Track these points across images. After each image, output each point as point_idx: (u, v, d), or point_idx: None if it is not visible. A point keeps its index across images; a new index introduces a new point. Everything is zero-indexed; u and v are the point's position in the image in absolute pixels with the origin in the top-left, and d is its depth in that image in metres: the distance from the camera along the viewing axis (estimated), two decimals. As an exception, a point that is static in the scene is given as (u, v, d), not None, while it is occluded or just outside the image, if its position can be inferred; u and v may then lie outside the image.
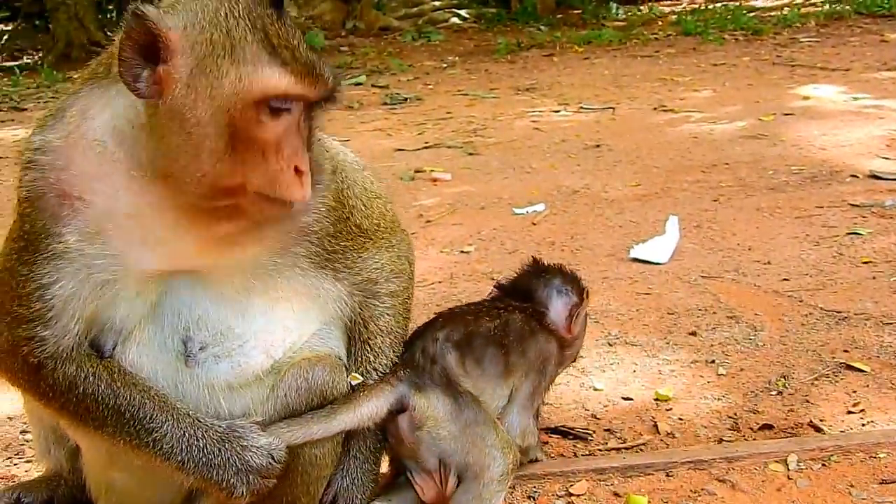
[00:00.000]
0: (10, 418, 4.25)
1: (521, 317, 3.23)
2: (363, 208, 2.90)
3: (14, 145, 11.01)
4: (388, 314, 2.99)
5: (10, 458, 3.89)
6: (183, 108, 2.34)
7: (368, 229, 2.91)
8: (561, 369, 3.48)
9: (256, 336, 2.72)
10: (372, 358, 2.98)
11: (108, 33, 20.26)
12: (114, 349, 2.64)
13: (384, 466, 3.12)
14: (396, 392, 2.89)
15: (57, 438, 3.20)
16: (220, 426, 2.64)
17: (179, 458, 2.60)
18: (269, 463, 2.63)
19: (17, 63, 19.47)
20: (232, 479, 2.61)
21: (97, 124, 2.49)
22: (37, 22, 25.76)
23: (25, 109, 13.58)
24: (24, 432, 4.07)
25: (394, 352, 3.01)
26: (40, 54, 20.40)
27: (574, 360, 3.64)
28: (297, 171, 2.43)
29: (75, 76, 2.74)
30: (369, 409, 2.86)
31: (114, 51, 2.48)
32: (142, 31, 2.31)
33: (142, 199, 2.49)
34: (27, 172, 2.54)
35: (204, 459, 2.60)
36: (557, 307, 3.35)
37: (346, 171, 2.87)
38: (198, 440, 2.61)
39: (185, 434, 2.61)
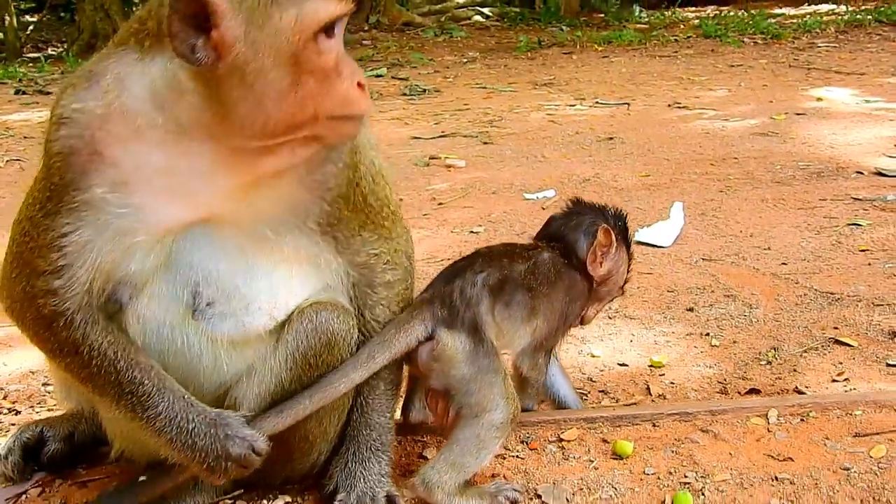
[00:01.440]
0: (32, 372, 4.46)
1: (550, 257, 3.35)
2: (370, 181, 2.96)
3: (39, 126, 11.27)
4: (382, 304, 3.05)
5: (32, 406, 4.09)
6: (245, 65, 2.43)
7: (372, 206, 2.96)
8: (602, 305, 3.60)
9: (261, 297, 2.82)
10: None
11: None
12: (129, 301, 2.75)
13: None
14: (430, 328, 3.05)
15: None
16: (210, 413, 2.77)
17: (168, 436, 2.73)
18: (248, 454, 2.75)
19: (41, 54, 19.73)
20: (212, 463, 2.74)
21: (135, 91, 2.56)
22: (62, 14, 26.05)
23: (50, 93, 13.81)
24: (45, 384, 4.29)
25: None
26: (65, 45, 20.66)
27: (621, 294, 3.69)
28: (359, 84, 2.58)
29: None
30: (405, 346, 3.03)
31: (143, 16, 2.60)
32: (187, 1, 2.39)
33: (176, 156, 2.59)
34: (61, 128, 2.61)
35: (190, 441, 2.73)
36: (583, 245, 3.42)
37: (359, 141, 2.93)
38: (188, 423, 2.73)
39: (177, 416, 2.73)
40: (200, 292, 2.78)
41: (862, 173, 7.39)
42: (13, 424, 3.75)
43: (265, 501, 3.09)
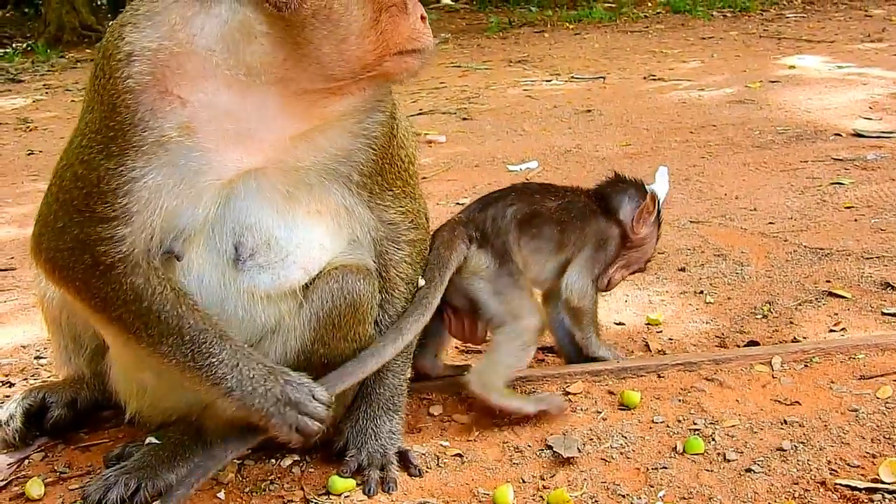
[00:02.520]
0: (24, 346, 4.41)
1: (586, 200, 3.61)
2: (404, 136, 3.06)
3: (13, 113, 11.18)
4: (406, 261, 3.10)
5: (26, 378, 4.04)
6: (330, 5, 2.53)
7: (403, 161, 3.04)
8: (627, 272, 3.76)
9: (297, 251, 2.85)
10: (389, 302, 3.11)
11: (100, 17, 20.38)
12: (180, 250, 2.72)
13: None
14: (467, 246, 3.32)
15: (76, 348, 3.33)
16: (267, 362, 2.77)
17: (228, 385, 2.70)
18: (309, 399, 2.73)
19: (6, 49, 19.47)
20: (271, 409, 2.70)
21: (206, 31, 2.55)
22: (26, 9, 25.72)
23: (22, 81, 13.68)
24: (38, 357, 4.24)
25: (407, 300, 3.14)
26: (30, 40, 20.40)
27: (644, 270, 3.90)
28: (422, 18, 2.69)
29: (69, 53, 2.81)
30: (456, 262, 3.28)
31: None
32: None
33: (244, 99, 2.60)
34: (132, 64, 2.55)
35: (250, 388, 2.70)
36: (627, 209, 3.64)
37: (396, 104, 3.04)
38: (249, 370, 2.71)
39: (238, 363, 2.71)
40: (244, 243, 2.79)
41: (840, 135, 7.44)
42: (7, 396, 3.70)
43: (273, 460, 3.08)
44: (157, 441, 3.01)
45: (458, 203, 6.46)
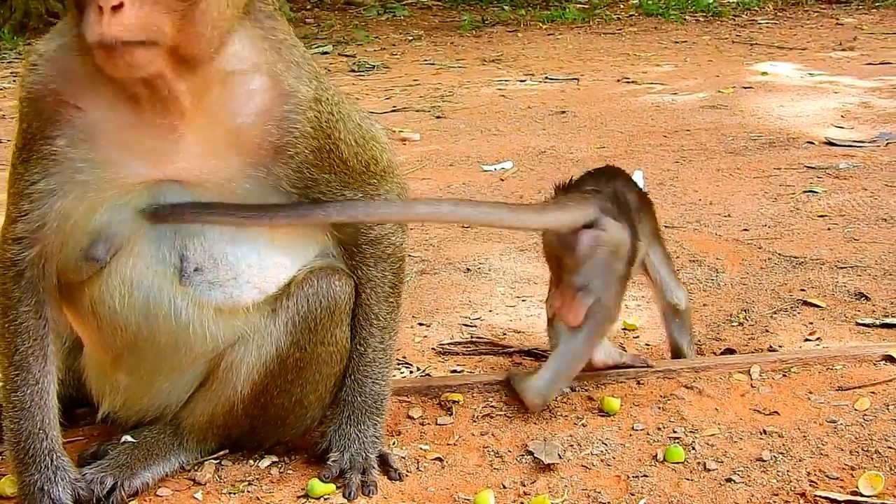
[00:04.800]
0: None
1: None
2: (353, 144, 2.87)
3: (-19, 100, 11.00)
4: (368, 263, 2.97)
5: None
6: None
7: (355, 168, 2.88)
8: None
9: (250, 270, 2.79)
10: (364, 312, 3.01)
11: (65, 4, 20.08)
12: (111, 258, 2.71)
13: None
14: (597, 213, 3.15)
15: None
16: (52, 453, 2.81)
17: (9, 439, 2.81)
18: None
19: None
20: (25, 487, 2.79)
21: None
22: (-10, -5, 25.31)
23: (-9, 67, 13.50)
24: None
25: (385, 307, 3.02)
26: (-4, 26, 20.09)
27: None
28: (99, 7, 2.36)
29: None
30: (578, 215, 3.14)
31: None
32: None
33: (132, 109, 2.58)
34: (29, 75, 2.64)
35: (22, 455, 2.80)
36: None
37: (337, 105, 2.85)
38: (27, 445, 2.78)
39: (24, 434, 2.78)
40: (187, 256, 2.74)
41: (813, 143, 7.50)
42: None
43: (251, 461, 3.05)
44: (132, 440, 2.98)
45: (433, 202, 6.44)
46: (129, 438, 2.98)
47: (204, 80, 2.58)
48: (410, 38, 15.46)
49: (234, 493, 2.88)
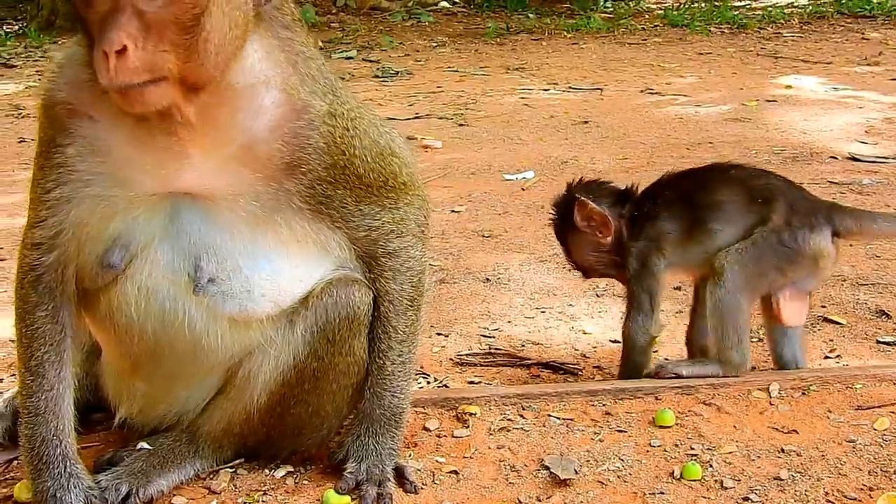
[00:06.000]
0: (12, 341, 4.35)
1: None
2: (369, 161, 2.83)
3: (5, 99, 11.09)
4: (387, 277, 2.94)
5: (14, 375, 4.00)
6: None
7: (372, 184, 2.85)
8: None
9: (264, 282, 2.77)
10: (382, 324, 2.98)
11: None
12: (126, 266, 2.71)
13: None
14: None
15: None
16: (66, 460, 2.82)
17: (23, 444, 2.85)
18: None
19: (-1, 31, 19.37)
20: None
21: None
22: (18, -7, 25.51)
23: (15, 66, 13.55)
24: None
25: (404, 321, 2.99)
26: (21, 23, 20.23)
27: None
28: (104, 53, 2.37)
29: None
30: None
31: None
32: None
33: (138, 123, 2.58)
34: (46, 83, 2.68)
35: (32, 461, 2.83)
36: None
37: (354, 120, 2.81)
38: (40, 449, 2.80)
39: (38, 439, 2.80)
40: (202, 266, 2.73)
41: (836, 158, 7.47)
42: (-3, 393, 3.66)
43: (267, 471, 3.04)
44: (148, 447, 2.99)
45: (453, 211, 6.45)
46: (145, 445, 2.99)
47: (214, 97, 2.57)
48: (435, 44, 15.48)
49: (249, 503, 2.89)
